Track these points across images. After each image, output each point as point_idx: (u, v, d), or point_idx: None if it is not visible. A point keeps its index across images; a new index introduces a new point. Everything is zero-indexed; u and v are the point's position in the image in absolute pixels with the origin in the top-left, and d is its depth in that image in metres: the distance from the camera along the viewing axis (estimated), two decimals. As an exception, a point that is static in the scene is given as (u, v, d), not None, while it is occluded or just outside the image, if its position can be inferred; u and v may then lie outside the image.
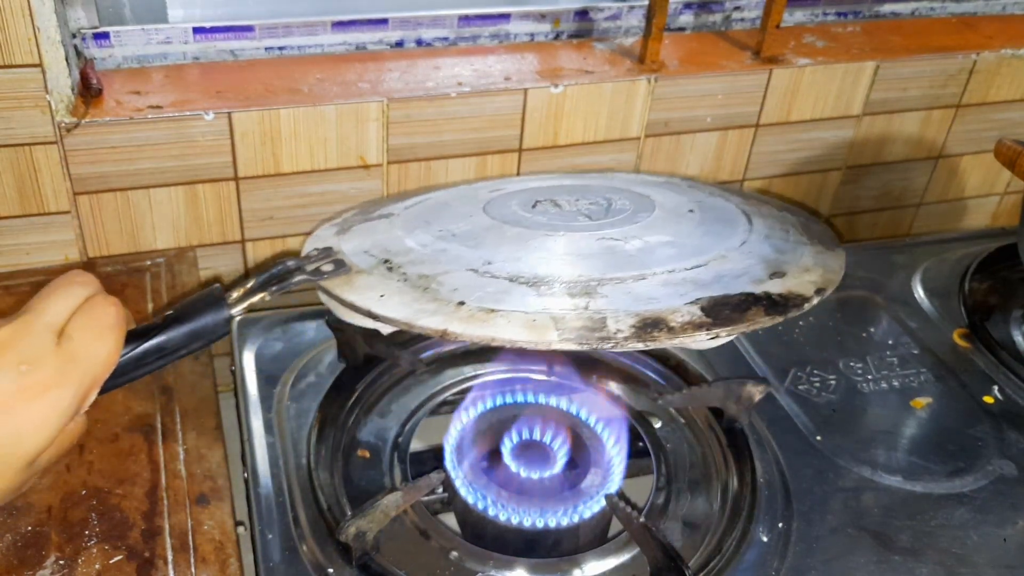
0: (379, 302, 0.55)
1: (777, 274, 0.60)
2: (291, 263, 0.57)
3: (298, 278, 0.56)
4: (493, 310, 0.53)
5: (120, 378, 0.44)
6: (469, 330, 0.52)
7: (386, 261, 0.58)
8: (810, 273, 0.60)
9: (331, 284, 0.57)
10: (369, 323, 0.56)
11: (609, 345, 0.51)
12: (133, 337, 0.45)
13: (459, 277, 0.56)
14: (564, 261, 0.58)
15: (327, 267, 0.58)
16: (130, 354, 0.45)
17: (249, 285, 0.52)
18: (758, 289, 0.57)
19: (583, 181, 0.78)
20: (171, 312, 0.47)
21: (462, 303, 0.53)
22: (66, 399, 0.39)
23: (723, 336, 0.52)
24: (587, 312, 0.53)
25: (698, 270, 0.57)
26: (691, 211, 0.67)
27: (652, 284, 0.55)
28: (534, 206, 0.66)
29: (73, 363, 0.39)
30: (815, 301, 0.57)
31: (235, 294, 0.51)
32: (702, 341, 0.53)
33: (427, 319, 0.52)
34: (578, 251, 0.59)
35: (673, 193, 0.71)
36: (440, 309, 0.53)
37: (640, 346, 0.51)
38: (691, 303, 0.54)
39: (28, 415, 0.38)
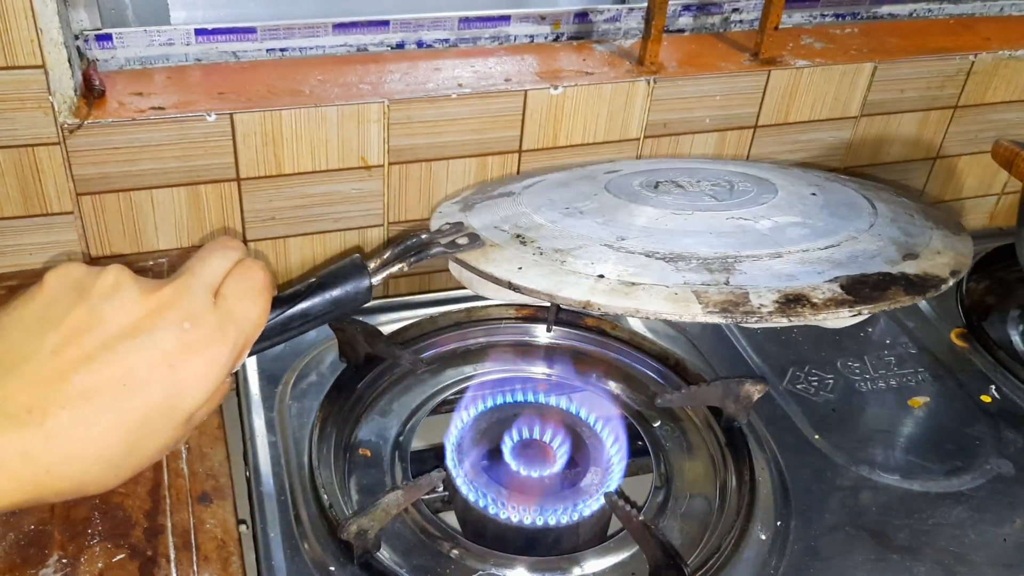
0: (518, 274, 0.55)
1: (910, 256, 0.61)
2: (425, 236, 0.57)
3: (435, 250, 0.56)
4: (634, 283, 0.53)
5: (265, 342, 0.44)
6: (612, 302, 0.52)
7: (518, 236, 0.59)
8: (942, 255, 0.61)
9: (467, 257, 0.58)
10: (510, 296, 0.57)
11: (754, 320, 0.51)
12: (278, 303, 0.45)
13: (595, 251, 0.57)
14: (698, 239, 0.58)
15: (462, 240, 0.59)
16: (277, 319, 0.45)
17: (387, 256, 0.53)
18: (894, 269, 0.57)
19: (697, 165, 0.79)
20: (314, 280, 0.47)
21: (602, 276, 0.54)
22: (224, 355, 0.40)
23: (865, 312, 0.53)
24: (728, 287, 0.53)
25: (832, 250, 0.58)
26: (814, 194, 0.67)
27: (789, 262, 0.56)
28: (656, 186, 0.67)
29: (231, 321, 0.40)
30: (951, 282, 0.59)
31: (374, 263, 0.51)
32: (844, 318, 0.53)
33: (569, 290, 0.53)
34: (710, 229, 0.60)
35: (791, 177, 0.72)
36: (580, 281, 0.54)
37: (784, 321, 0.52)
38: (830, 281, 0.54)
39: (191, 370, 0.38)
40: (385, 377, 0.75)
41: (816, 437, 0.70)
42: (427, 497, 0.64)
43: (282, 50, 0.86)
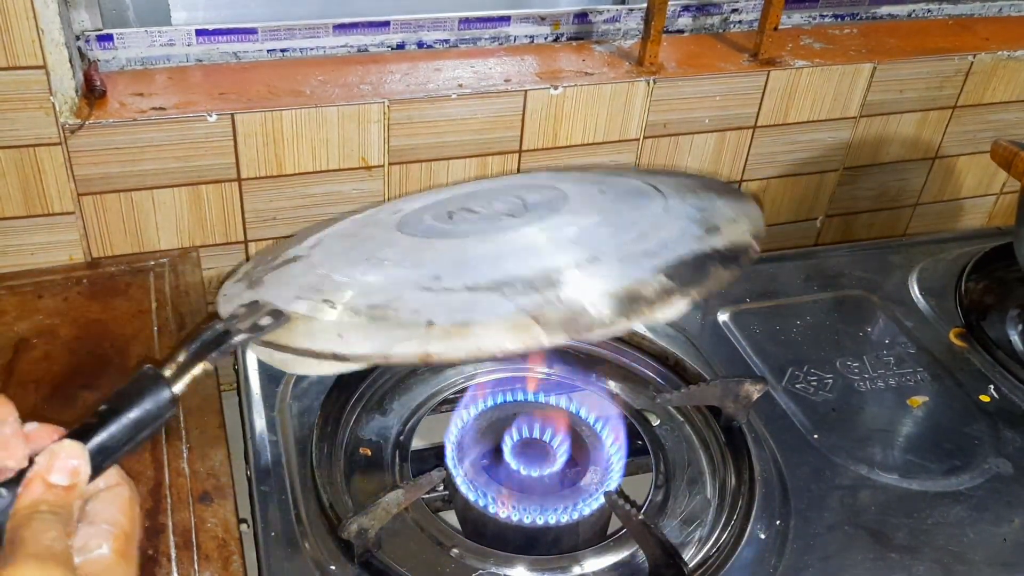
0: (340, 342, 0.49)
1: (712, 229, 0.58)
2: (220, 325, 0.50)
3: (238, 338, 0.48)
4: (467, 322, 0.48)
5: None
6: (451, 348, 0.47)
7: (325, 300, 0.52)
8: (738, 223, 0.59)
9: (277, 336, 0.50)
10: (335, 367, 0.52)
11: (598, 332, 0.48)
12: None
13: (414, 298, 0.51)
14: (513, 260, 0.53)
15: (264, 320, 0.50)
16: None
17: (182, 358, 0.46)
18: (705, 247, 0.54)
19: (477, 187, 0.73)
20: (104, 406, 0.41)
21: (431, 322, 0.48)
22: None
23: (697, 298, 0.50)
24: (562, 303, 0.49)
25: (641, 241, 0.54)
26: (602, 191, 0.64)
27: (608, 264, 0.52)
28: (450, 216, 0.62)
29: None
30: (757, 247, 0.56)
31: (170, 370, 0.45)
32: (679, 308, 0.50)
33: (402, 346, 0.48)
34: (521, 247, 0.55)
35: (572, 180, 0.68)
36: (411, 334, 0.48)
37: (627, 325, 0.49)
38: (654, 273, 0.51)
39: None
40: (385, 376, 0.75)
41: (815, 436, 0.70)
42: (427, 496, 0.64)
43: (283, 51, 0.86)
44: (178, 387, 0.44)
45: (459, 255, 0.55)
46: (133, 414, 0.42)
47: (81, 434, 0.41)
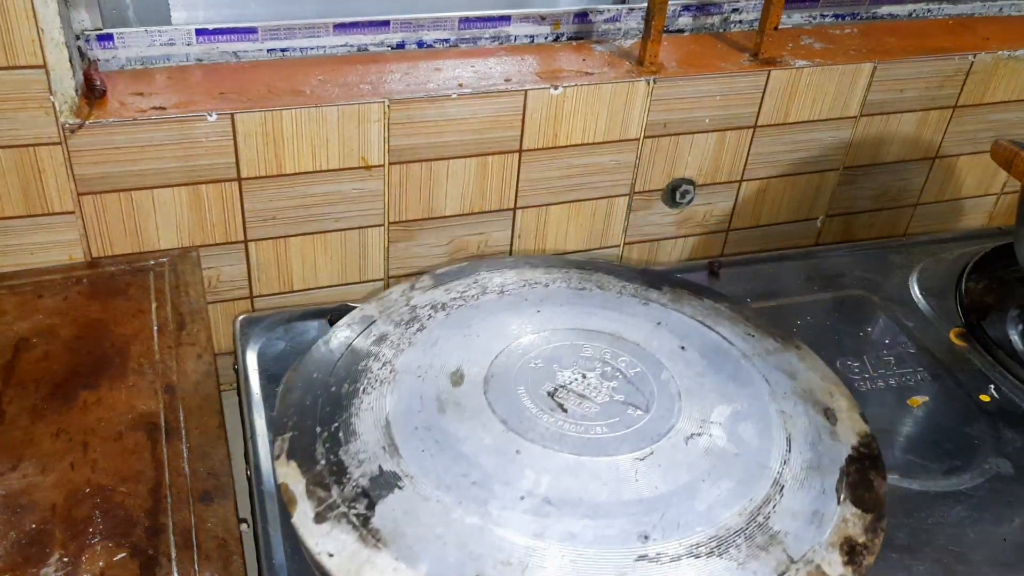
0: None
1: (828, 414, 0.57)
2: None
3: None
4: None
5: None
6: None
7: None
8: (833, 396, 0.57)
9: None
10: None
11: None
12: None
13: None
14: (702, 494, 0.49)
15: None
16: None
17: None
18: (846, 447, 0.55)
19: (528, 327, 0.63)
20: None
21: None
22: None
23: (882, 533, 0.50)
24: (798, 565, 0.46)
25: (789, 446, 0.52)
26: (683, 348, 0.60)
27: (793, 492, 0.49)
28: (562, 408, 0.54)
29: None
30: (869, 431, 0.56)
31: None
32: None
33: None
34: (696, 474, 0.50)
35: (631, 316, 0.62)
36: None
37: None
38: (839, 500, 0.51)
39: None
40: (385, 377, 0.74)
41: (815, 436, 0.70)
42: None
43: (283, 50, 0.86)
44: None
45: (629, 486, 0.49)
46: None
47: None
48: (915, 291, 0.87)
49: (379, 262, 0.88)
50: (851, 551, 0.47)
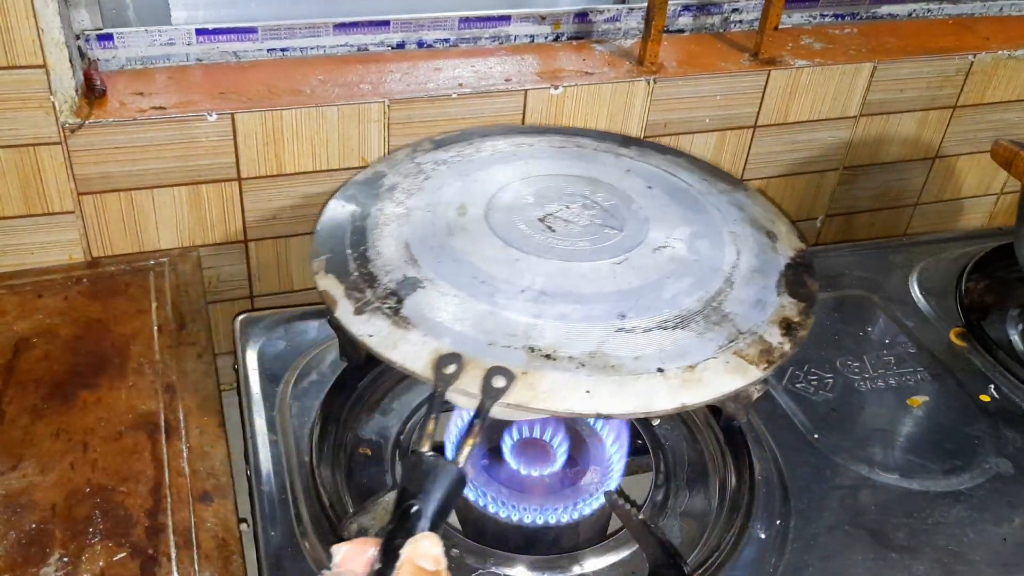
0: (596, 401, 0.51)
1: (771, 235, 0.67)
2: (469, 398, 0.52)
3: (494, 410, 0.51)
4: (692, 366, 0.53)
5: None
6: (696, 395, 0.53)
7: (531, 348, 0.54)
8: (776, 223, 0.68)
9: (522, 397, 0.51)
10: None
11: (781, 362, 0.56)
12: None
13: (618, 341, 0.54)
14: (668, 288, 0.59)
15: (498, 382, 0.52)
16: None
17: (461, 440, 0.51)
18: (782, 257, 0.64)
19: (518, 173, 0.73)
20: (414, 503, 0.46)
21: (661, 370, 0.53)
22: None
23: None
24: (748, 337, 0.56)
25: (740, 257, 0.63)
26: (649, 187, 0.70)
27: (741, 286, 0.60)
28: (551, 228, 0.64)
29: None
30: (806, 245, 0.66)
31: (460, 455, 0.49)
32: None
33: (660, 400, 0.52)
34: (662, 273, 0.60)
35: (605, 166, 0.73)
36: (653, 386, 0.52)
37: (794, 351, 0.57)
38: (780, 293, 0.61)
39: None
40: (385, 376, 0.75)
41: (815, 436, 0.70)
42: (427, 496, 0.64)
43: (283, 50, 0.86)
44: (462, 462, 0.48)
45: (608, 282, 0.59)
46: (441, 501, 0.46)
47: (407, 531, 0.45)
48: (915, 291, 0.87)
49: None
50: (788, 327, 0.58)
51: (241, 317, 0.79)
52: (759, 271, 0.62)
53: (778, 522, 0.63)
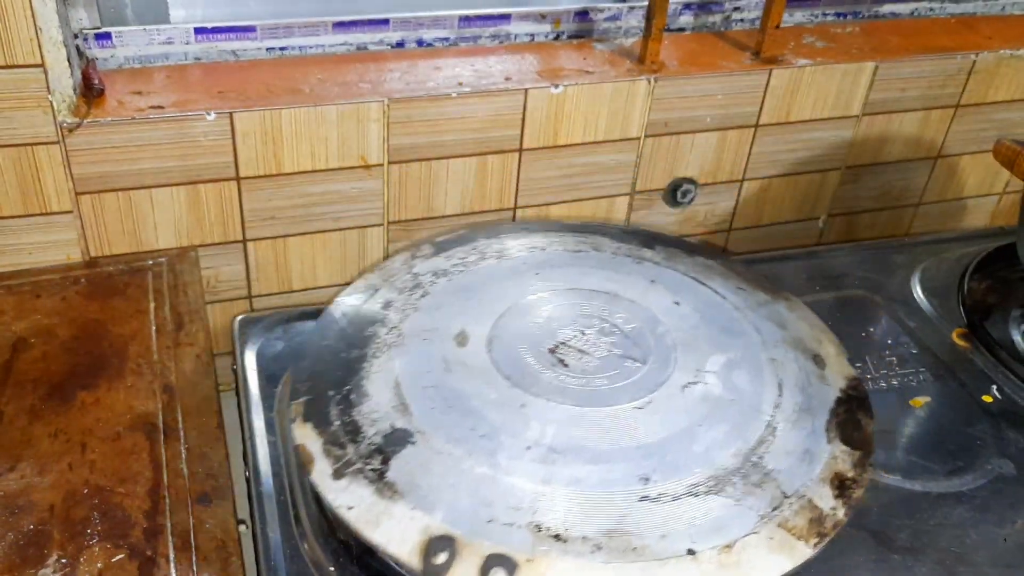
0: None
1: (817, 360, 0.60)
2: None
3: None
4: (728, 546, 0.47)
5: None
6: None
7: (537, 527, 0.47)
8: (823, 343, 0.61)
9: None
10: None
11: (835, 531, 0.50)
12: None
13: (640, 513, 0.47)
14: (700, 439, 0.52)
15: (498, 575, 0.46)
16: None
17: None
18: (833, 391, 0.57)
19: (527, 289, 0.66)
20: None
21: (692, 552, 0.46)
22: None
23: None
24: (794, 503, 0.49)
25: (780, 391, 0.55)
26: (677, 303, 0.62)
27: (786, 432, 0.53)
28: (563, 363, 0.57)
29: None
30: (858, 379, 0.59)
31: None
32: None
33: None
34: (694, 420, 0.52)
35: (626, 275, 0.65)
36: (682, 571, 0.46)
37: (847, 516, 0.51)
38: (829, 439, 0.53)
39: None
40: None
41: (817, 437, 0.70)
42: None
43: (282, 49, 0.86)
44: None
45: (629, 433, 0.52)
46: None
47: None
48: (917, 291, 0.87)
49: (379, 262, 0.88)
50: (841, 485, 0.51)
51: (240, 317, 0.78)
52: (806, 410, 0.55)
53: (780, 524, 0.63)
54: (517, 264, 0.65)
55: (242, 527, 0.60)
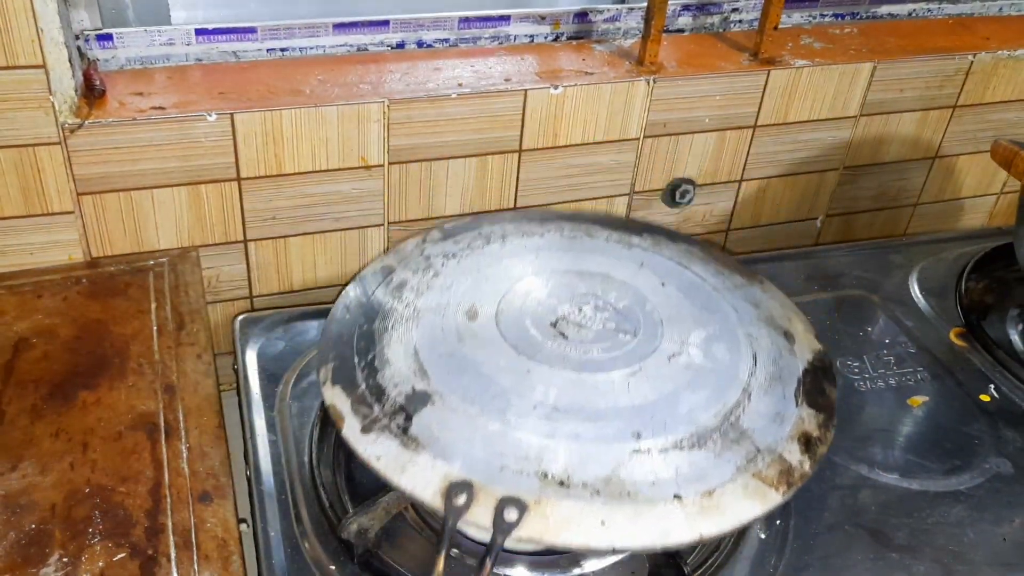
0: (611, 533, 0.50)
1: (787, 336, 0.64)
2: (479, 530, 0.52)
3: (506, 543, 0.50)
4: (709, 492, 0.52)
5: None
6: (715, 525, 0.51)
7: (543, 475, 0.52)
8: (792, 321, 0.65)
9: (535, 531, 0.50)
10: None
11: (802, 483, 0.54)
12: None
13: (632, 463, 0.52)
14: (686, 401, 0.57)
15: (510, 514, 0.50)
16: None
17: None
18: (800, 361, 0.62)
19: (523, 271, 0.70)
20: None
21: (678, 496, 0.52)
22: None
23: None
24: (767, 456, 0.55)
25: (756, 361, 0.61)
26: (663, 284, 0.68)
27: (759, 398, 0.58)
28: (564, 335, 0.62)
29: None
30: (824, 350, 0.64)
31: None
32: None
33: (677, 533, 0.50)
34: (680, 383, 0.58)
35: (617, 259, 0.70)
36: (669, 513, 0.51)
37: (813, 470, 0.55)
38: (798, 402, 0.58)
39: None
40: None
41: (815, 436, 0.70)
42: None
43: (282, 50, 0.86)
44: None
45: (623, 396, 0.57)
46: None
47: None
48: (915, 291, 0.87)
49: (379, 262, 0.88)
50: (807, 443, 0.56)
51: (241, 317, 0.79)
52: (777, 378, 0.60)
53: (778, 522, 0.63)
54: (519, 248, 0.72)
55: (243, 526, 0.60)
